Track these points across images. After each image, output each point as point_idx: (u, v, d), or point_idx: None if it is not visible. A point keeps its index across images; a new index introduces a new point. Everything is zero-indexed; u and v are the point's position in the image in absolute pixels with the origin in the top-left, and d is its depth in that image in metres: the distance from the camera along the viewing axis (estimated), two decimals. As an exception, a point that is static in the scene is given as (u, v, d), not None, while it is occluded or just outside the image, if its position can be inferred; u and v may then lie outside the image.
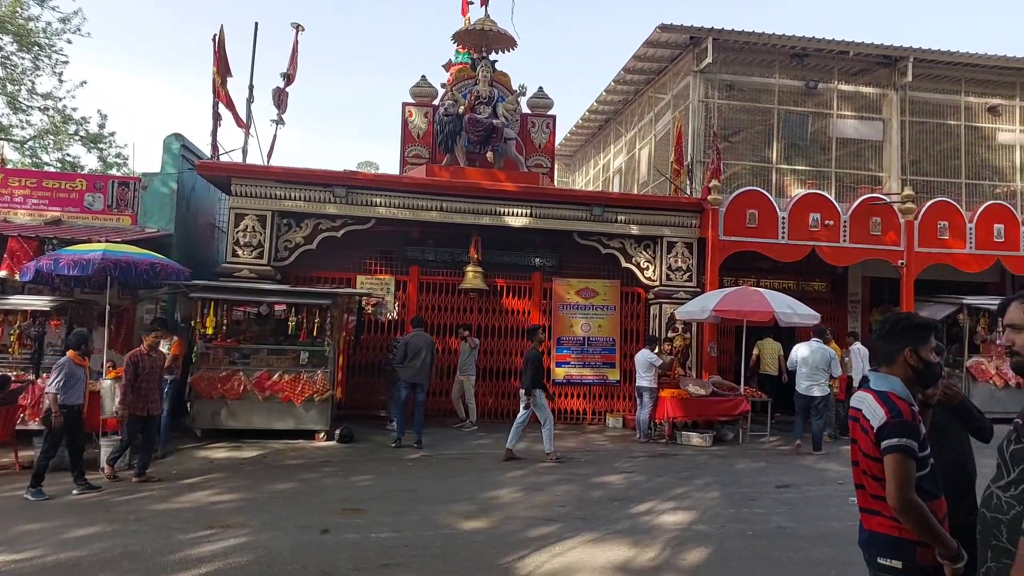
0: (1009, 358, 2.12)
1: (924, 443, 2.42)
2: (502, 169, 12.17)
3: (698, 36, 13.02)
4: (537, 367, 8.87)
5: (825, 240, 12.21)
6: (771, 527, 6.03)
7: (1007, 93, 14.48)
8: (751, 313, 10.25)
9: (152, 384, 7.41)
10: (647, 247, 12.09)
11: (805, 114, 14.00)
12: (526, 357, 8.97)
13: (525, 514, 6.29)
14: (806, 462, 9.18)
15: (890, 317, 2.67)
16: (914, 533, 2.31)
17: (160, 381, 7.75)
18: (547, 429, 8.85)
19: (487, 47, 12.69)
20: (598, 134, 19.29)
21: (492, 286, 11.95)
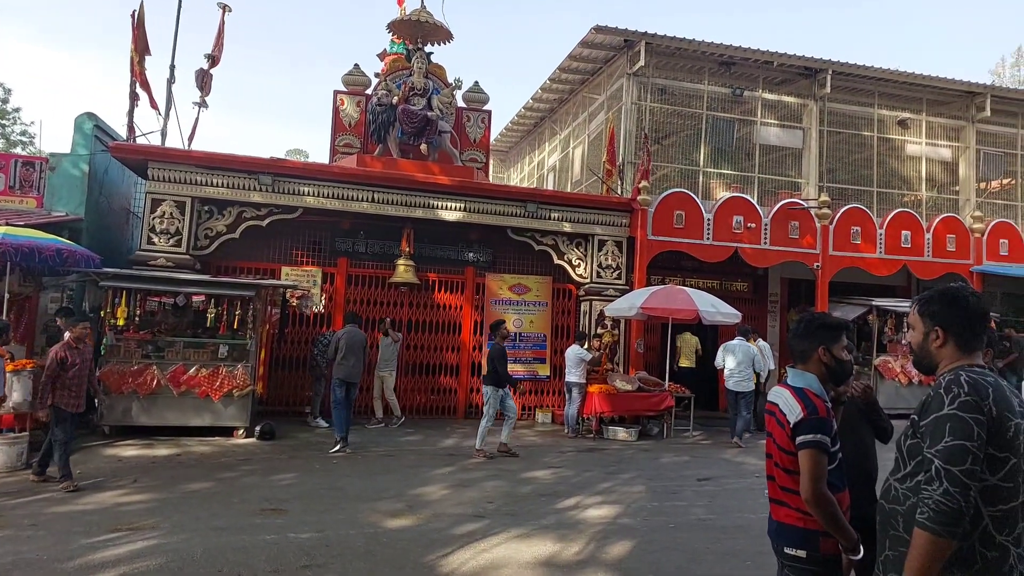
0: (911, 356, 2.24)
1: (835, 439, 2.52)
2: (436, 162, 12.03)
3: (632, 39, 13.24)
4: (504, 362, 8.83)
5: (747, 242, 12.67)
6: (692, 519, 6.20)
7: (915, 108, 15.40)
8: (677, 311, 10.53)
9: (83, 379, 6.88)
10: (579, 245, 12.22)
11: (731, 120, 14.45)
12: (490, 353, 8.91)
13: (453, 511, 6.23)
14: (725, 455, 9.50)
15: (805, 317, 2.76)
16: (819, 524, 2.40)
17: (88, 375, 7.21)
18: (485, 426, 8.82)
19: (423, 39, 12.50)
20: (533, 131, 19.37)
21: (424, 280, 11.80)
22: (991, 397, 1.86)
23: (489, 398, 8.78)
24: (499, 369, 8.70)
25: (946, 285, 2.20)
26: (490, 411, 8.79)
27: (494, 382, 8.74)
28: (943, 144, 15.81)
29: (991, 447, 1.83)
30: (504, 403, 8.89)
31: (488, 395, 8.80)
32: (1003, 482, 1.85)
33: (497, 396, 8.78)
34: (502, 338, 9.04)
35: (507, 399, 8.93)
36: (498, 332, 9.04)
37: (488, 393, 8.80)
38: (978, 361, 2.03)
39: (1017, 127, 16.11)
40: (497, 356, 8.76)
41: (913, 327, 2.18)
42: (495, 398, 8.78)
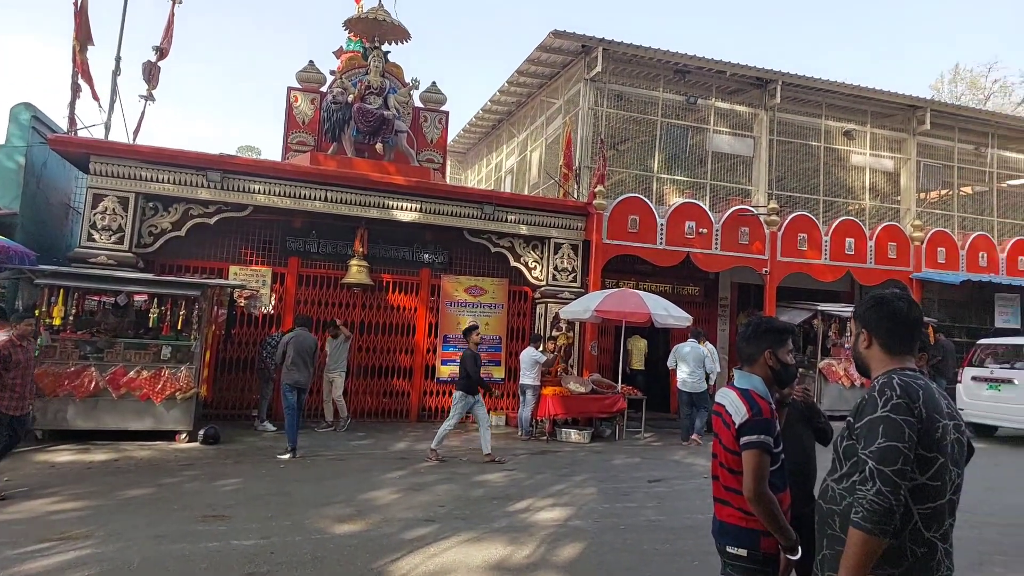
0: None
1: (778, 440, 2.57)
2: (392, 162, 11.91)
3: (589, 45, 13.36)
4: (476, 367, 8.67)
5: (699, 247, 12.91)
6: (642, 520, 6.25)
7: (860, 120, 15.95)
8: (630, 314, 10.65)
9: (27, 380, 6.50)
10: (535, 247, 12.25)
11: (685, 128, 14.72)
12: (462, 358, 8.76)
13: (403, 515, 6.15)
14: (676, 457, 9.64)
15: (752, 321, 2.81)
16: (761, 523, 2.44)
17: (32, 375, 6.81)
18: (445, 428, 8.72)
19: (380, 37, 12.36)
20: (491, 133, 19.36)
21: (378, 281, 11.64)
22: (921, 400, 1.92)
23: (457, 403, 8.65)
24: (471, 374, 8.56)
25: (881, 291, 2.26)
26: (454, 415, 8.67)
27: (465, 388, 8.58)
28: (886, 155, 16.43)
29: (921, 448, 1.89)
30: (475, 410, 8.74)
31: (456, 400, 8.66)
32: (931, 481, 1.90)
33: (466, 402, 8.63)
34: (475, 344, 8.91)
35: (478, 407, 8.74)
36: (470, 337, 8.91)
37: (457, 398, 8.66)
38: (909, 365, 2.09)
39: (954, 140, 16.84)
40: (469, 361, 8.63)
41: (852, 331, 2.26)
42: (463, 404, 8.63)
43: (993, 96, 43.00)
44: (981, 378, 11.65)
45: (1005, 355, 11.92)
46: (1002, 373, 11.39)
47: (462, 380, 8.64)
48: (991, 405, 11.41)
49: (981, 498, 7.24)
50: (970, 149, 17.10)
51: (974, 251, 15.28)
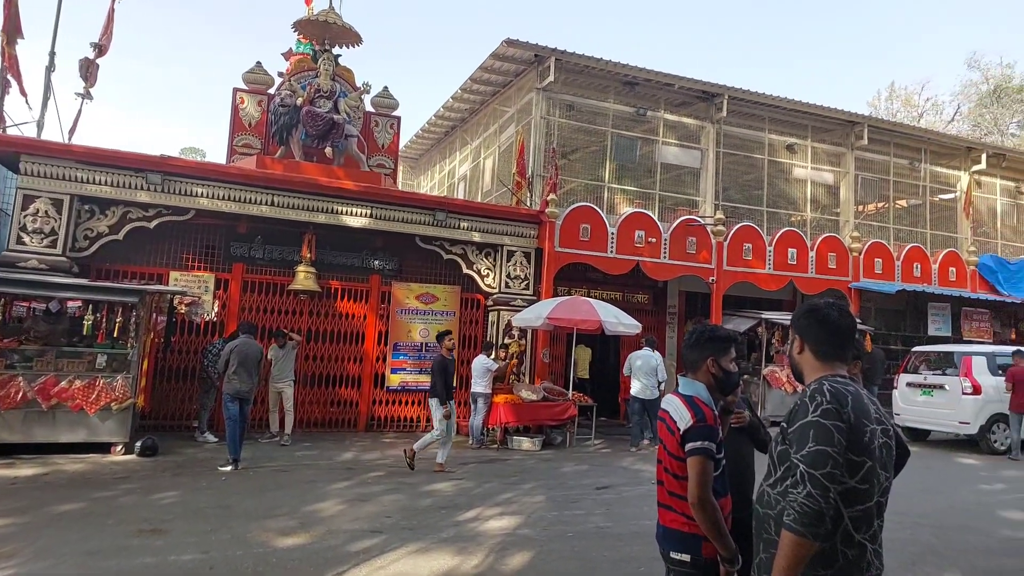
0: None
1: (720, 446, 2.61)
2: (342, 166, 11.73)
3: (542, 55, 13.47)
4: (448, 374, 8.50)
5: (648, 256, 13.12)
6: (590, 527, 6.27)
7: (801, 134, 16.52)
8: (581, 321, 10.73)
9: None
10: (488, 255, 12.23)
11: (635, 139, 14.97)
12: (433, 365, 8.57)
13: (349, 527, 6.02)
14: (624, 463, 9.73)
15: (696, 329, 2.86)
16: (702, 529, 2.47)
17: None
18: (428, 438, 8.55)
19: (331, 40, 12.20)
20: (444, 139, 19.30)
21: (325, 288, 11.42)
22: (850, 405, 1.97)
23: (436, 410, 8.46)
24: (438, 380, 8.41)
25: (815, 300, 2.34)
26: (440, 425, 8.45)
27: (436, 395, 8.42)
28: (826, 169, 17.05)
29: (850, 452, 1.94)
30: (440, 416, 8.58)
31: (434, 408, 8.48)
32: (860, 484, 1.96)
33: (444, 410, 8.46)
34: (448, 350, 8.72)
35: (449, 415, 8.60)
36: (443, 343, 8.74)
37: (434, 406, 8.48)
38: (840, 372, 2.15)
39: (889, 155, 17.60)
40: (437, 368, 8.47)
41: (790, 340, 2.31)
42: (441, 411, 8.45)
43: (926, 114, 45.17)
44: (915, 384, 12.15)
45: (937, 362, 12.46)
46: (934, 379, 11.89)
47: (433, 388, 8.44)
48: (924, 410, 11.90)
49: (914, 500, 7.53)
50: (905, 164, 17.90)
51: (909, 262, 15.96)
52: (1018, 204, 20.05)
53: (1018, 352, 10.97)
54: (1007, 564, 5.46)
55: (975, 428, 11.05)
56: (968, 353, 11.79)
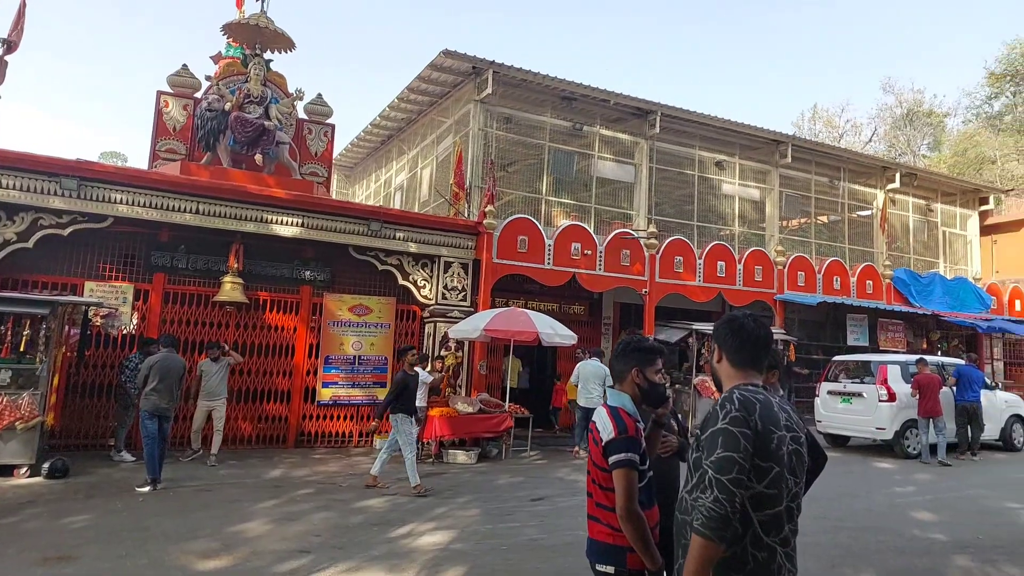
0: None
1: (644, 457, 2.62)
2: (272, 174, 11.41)
3: (480, 67, 13.52)
4: (403, 390, 8.20)
5: (584, 268, 13.28)
6: (523, 540, 6.24)
7: (730, 151, 17.13)
8: (518, 333, 10.74)
9: None
10: (425, 265, 12.10)
11: (571, 153, 15.19)
12: (396, 380, 8.28)
13: (275, 547, 5.79)
14: (559, 474, 9.75)
15: (624, 340, 2.88)
16: (627, 540, 2.47)
17: None
18: (385, 454, 8.27)
19: (262, 44, 11.88)
20: (381, 149, 19.09)
21: (253, 299, 11.02)
22: (758, 413, 2.03)
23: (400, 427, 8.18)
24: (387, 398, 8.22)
25: (734, 312, 2.40)
26: (407, 442, 8.15)
27: (403, 410, 8.14)
28: (753, 185, 17.74)
29: (757, 458, 1.99)
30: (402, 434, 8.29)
31: (398, 423, 8.20)
32: (768, 489, 2.01)
33: (407, 423, 8.21)
34: (410, 365, 8.47)
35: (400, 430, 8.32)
36: (405, 358, 8.50)
37: (398, 422, 8.19)
38: (755, 380, 2.20)
39: (811, 173, 18.46)
40: (398, 383, 8.22)
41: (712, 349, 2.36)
42: (406, 426, 8.20)
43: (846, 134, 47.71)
44: (835, 392, 12.68)
45: (856, 371, 13.05)
46: (853, 387, 12.45)
47: (399, 403, 8.15)
48: (844, 417, 12.44)
49: (834, 503, 7.83)
50: (825, 182, 18.82)
51: (829, 275, 16.72)
52: (928, 221, 21.37)
53: (921, 360, 11.61)
54: (916, 563, 5.72)
55: (890, 433, 11.61)
56: (884, 362, 12.40)
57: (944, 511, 7.61)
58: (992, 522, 7.16)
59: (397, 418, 8.10)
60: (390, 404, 8.18)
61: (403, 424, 8.09)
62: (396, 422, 8.10)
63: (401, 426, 8.08)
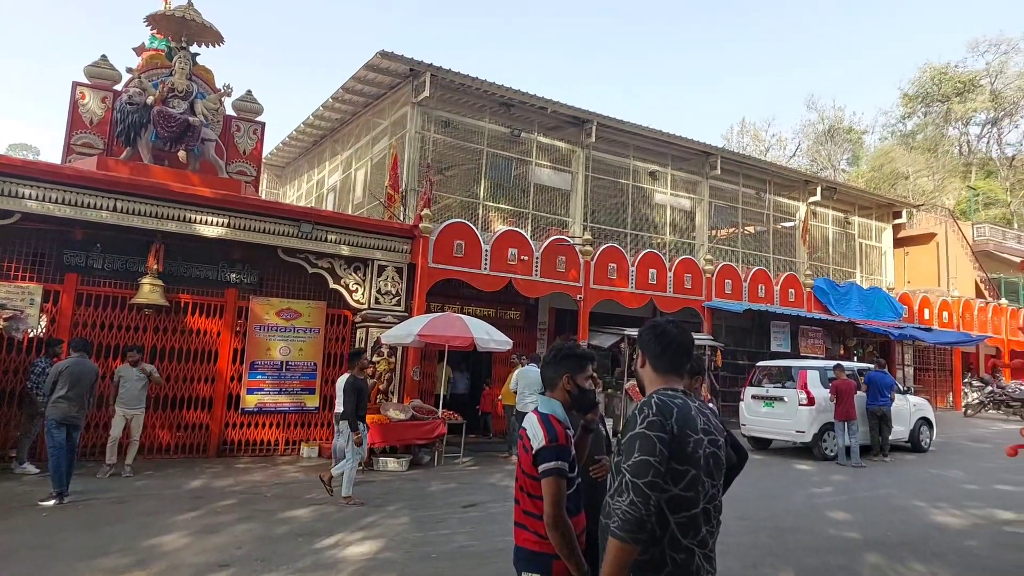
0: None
1: (573, 464, 2.62)
2: (197, 172, 10.96)
3: (417, 70, 13.42)
4: (359, 398, 7.94)
5: (521, 273, 13.33)
6: (453, 547, 6.17)
7: (663, 162, 17.58)
8: (453, 338, 10.65)
9: None
10: (357, 269, 11.86)
11: (510, 159, 15.26)
12: (346, 385, 7.97)
13: (194, 560, 5.54)
14: (492, 480, 9.71)
15: (555, 347, 2.88)
16: (553, 547, 2.46)
17: None
18: (346, 469, 7.94)
19: (189, 37, 11.41)
20: (313, 149, 18.66)
21: (174, 302, 10.54)
22: (674, 417, 2.06)
23: (349, 438, 7.94)
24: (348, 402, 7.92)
25: (658, 318, 2.43)
26: (353, 453, 7.93)
27: (348, 418, 7.91)
28: (684, 195, 18.26)
29: (673, 461, 2.02)
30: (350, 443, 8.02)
31: (342, 432, 8.01)
32: (684, 492, 2.04)
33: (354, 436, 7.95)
34: (360, 369, 8.24)
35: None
36: (357, 363, 8.23)
37: (342, 430, 7.99)
38: (675, 385, 2.23)
39: (739, 185, 19.15)
40: (349, 389, 7.94)
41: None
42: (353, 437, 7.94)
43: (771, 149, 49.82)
44: (759, 396, 13.13)
45: (778, 376, 13.55)
46: (775, 392, 12.92)
47: (350, 411, 7.91)
48: (767, 420, 12.89)
49: (756, 504, 8.09)
50: (752, 194, 19.56)
51: (755, 283, 17.35)
52: (847, 233, 22.51)
53: (839, 366, 12.17)
54: (831, 561, 5.96)
55: (809, 436, 12.11)
56: (804, 368, 12.92)
57: (857, 510, 7.97)
58: (900, 519, 7.56)
59: (342, 425, 7.96)
60: (357, 412, 7.98)
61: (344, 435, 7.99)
62: (343, 429, 7.95)
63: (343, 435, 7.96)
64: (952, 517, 7.71)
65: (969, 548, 6.42)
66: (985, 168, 45.81)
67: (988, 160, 46.14)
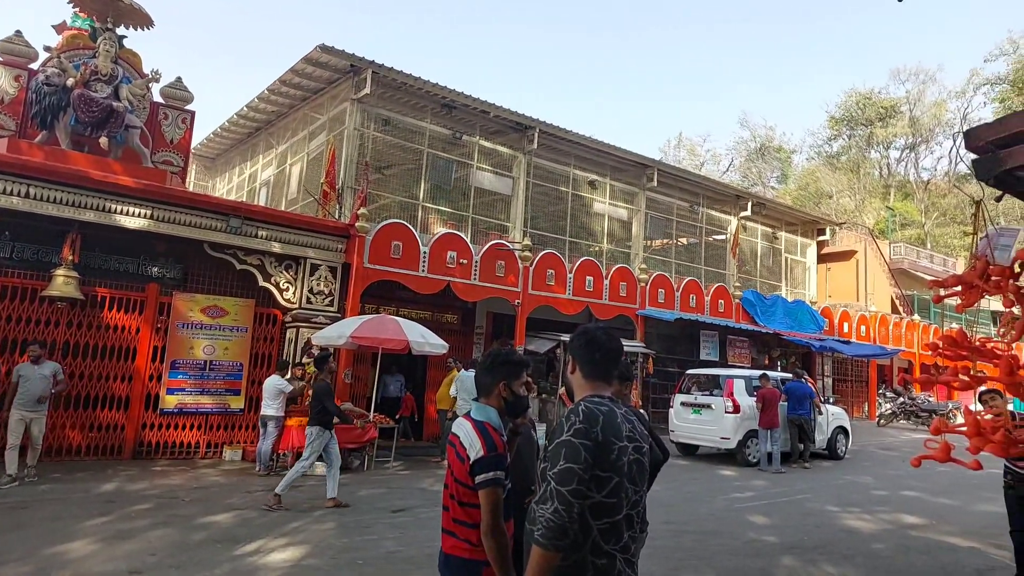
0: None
1: (507, 472, 2.60)
2: (120, 160, 10.43)
3: (359, 66, 13.20)
4: (331, 399, 7.78)
5: (459, 276, 13.26)
6: (381, 553, 6.06)
7: (602, 172, 17.87)
8: (387, 341, 10.46)
9: None
10: (289, 267, 11.52)
11: (450, 161, 15.19)
12: (314, 391, 7.77)
13: (102, 568, 5.25)
14: (423, 484, 9.60)
15: (490, 353, 2.85)
16: (483, 554, 2.44)
17: None
18: (299, 470, 7.69)
19: (116, 18, 10.85)
20: (247, 141, 18.07)
21: (91, 296, 9.97)
22: (600, 424, 2.07)
23: (313, 440, 7.71)
24: (327, 407, 7.72)
25: (588, 324, 2.44)
26: (310, 454, 7.72)
27: (320, 422, 7.69)
28: (621, 205, 18.62)
29: (597, 468, 2.03)
30: (328, 448, 7.81)
31: (313, 436, 7.72)
32: (608, 498, 2.05)
33: (323, 438, 7.74)
34: (330, 372, 8.09)
35: (332, 444, 7.86)
36: (326, 366, 8.04)
37: (313, 435, 7.71)
38: (603, 392, 2.24)
39: (674, 198, 19.66)
40: (324, 393, 7.75)
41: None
42: (320, 440, 7.72)
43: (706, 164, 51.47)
44: (687, 403, 13.47)
45: (706, 383, 13.93)
46: (703, 399, 13.28)
47: (316, 414, 7.71)
48: (694, 427, 13.23)
49: (681, 509, 8.29)
50: (686, 206, 20.11)
51: (686, 293, 17.83)
52: (774, 248, 23.44)
53: (764, 375, 12.63)
54: (749, 564, 6.15)
55: (734, 443, 12.50)
56: (730, 376, 13.35)
57: (776, 515, 8.27)
58: (815, 523, 7.88)
59: (314, 430, 7.78)
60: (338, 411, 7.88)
61: (320, 436, 7.78)
62: (312, 434, 7.78)
63: (318, 437, 7.76)
64: (862, 521, 8.09)
65: (877, 551, 6.74)
66: (903, 190, 48.69)
67: (906, 183, 49.09)
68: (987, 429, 2.96)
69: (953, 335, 3.18)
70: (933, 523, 8.07)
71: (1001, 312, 3.26)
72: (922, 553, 6.72)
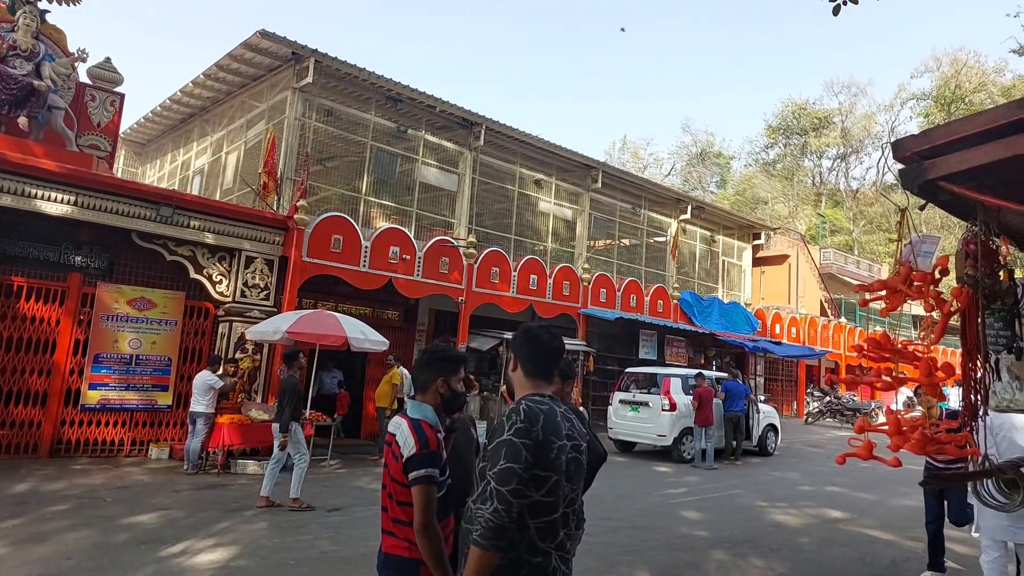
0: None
1: (444, 468, 2.58)
2: (41, 142, 9.85)
3: (301, 54, 12.86)
4: (297, 399, 7.66)
5: (402, 272, 13.09)
6: (315, 553, 5.92)
7: (548, 171, 17.97)
8: (325, 337, 10.23)
9: None
10: (222, 259, 11.13)
11: (395, 155, 14.98)
12: (282, 387, 7.66)
13: (12, 574, 4.93)
14: (359, 483, 9.45)
15: (427, 349, 2.83)
16: (424, 557, 2.42)
17: None
18: (300, 469, 7.58)
19: (39, -8, 10.25)
20: (180, 127, 17.36)
21: (5, 285, 9.38)
22: (540, 423, 2.06)
23: (294, 434, 7.67)
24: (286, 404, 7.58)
25: (530, 323, 2.43)
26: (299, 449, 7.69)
27: (293, 417, 7.64)
28: (566, 205, 18.77)
29: (537, 467, 2.03)
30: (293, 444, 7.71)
31: (292, 430, 7.65)
32: (545, 497, 2.05)
33: (298, 433, 7.70)
34: (299, 368, 7.92)
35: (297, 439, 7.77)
36: (295, 364, 7.87)
37: (292, 429, 7.65)
38: (543, 390, 2.24)
39: (617, 199, 19.95)
40: (286, 390, 7.64)
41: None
42: (300, 432, 7.73)
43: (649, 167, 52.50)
44: (626, 401, 13.70)
45: (644, 382, 14.21)
46: (641, 397, 13.54)
47: (287, 414, 7.56)
48: (632, 424, 13.47)
49: (616, 505, 8.42)
50: (629, 208, 20.45)
51: (627, 293, 18.13)
52: (712, 250, 24.08)
53: (700, 374, 12.98)
54: (682, 557, 6.30)
55: (670, 440, 12.79)
56: (668, 375, 13.65)
57: (707, 510, 8.50)
58: (744, 518, 8.13)
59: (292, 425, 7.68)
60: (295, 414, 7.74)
61: (296, 434, 7.72)
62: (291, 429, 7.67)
63: (295, 436, 7.70)
64: (789, 516, 8.40)
65: (802, 544, 7.01)
66: (833, 198, 50.90)
67: (836, 191, 51.35)
68: (906, 428, 3.10)
69: (877, 338, 3.32)
70: (855, 517, 8.45)
71: (922, 316, 3.42)
72: (843, 545, 7.02)
